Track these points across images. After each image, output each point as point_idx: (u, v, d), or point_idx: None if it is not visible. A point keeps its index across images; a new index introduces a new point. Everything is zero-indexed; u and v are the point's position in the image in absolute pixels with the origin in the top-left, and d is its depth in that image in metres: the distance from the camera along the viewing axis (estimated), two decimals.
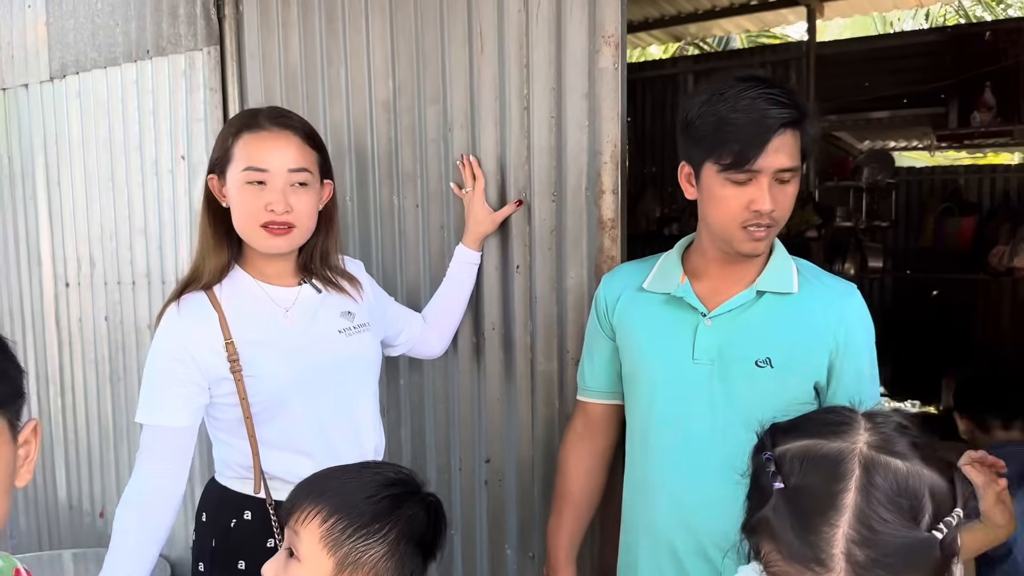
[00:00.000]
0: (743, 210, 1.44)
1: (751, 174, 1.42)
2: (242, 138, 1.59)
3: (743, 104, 1.41)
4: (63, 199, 3.01)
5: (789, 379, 1.48)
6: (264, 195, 1.57)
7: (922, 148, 7.25)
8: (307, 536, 1.16)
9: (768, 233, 1.46)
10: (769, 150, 1.40)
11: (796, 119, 1.42)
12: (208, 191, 1.65)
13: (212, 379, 1.59)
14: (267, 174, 1.57)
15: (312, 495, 1.19)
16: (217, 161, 1.63)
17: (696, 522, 1.53)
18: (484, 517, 2.15)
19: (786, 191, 1.45)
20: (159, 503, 1.58)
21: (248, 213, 1.58)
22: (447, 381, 2.18)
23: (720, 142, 1.42)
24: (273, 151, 1.58)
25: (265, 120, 1.61)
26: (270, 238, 1.59)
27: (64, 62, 2.94)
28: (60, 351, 3.11)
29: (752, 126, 1.40)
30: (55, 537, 3.20)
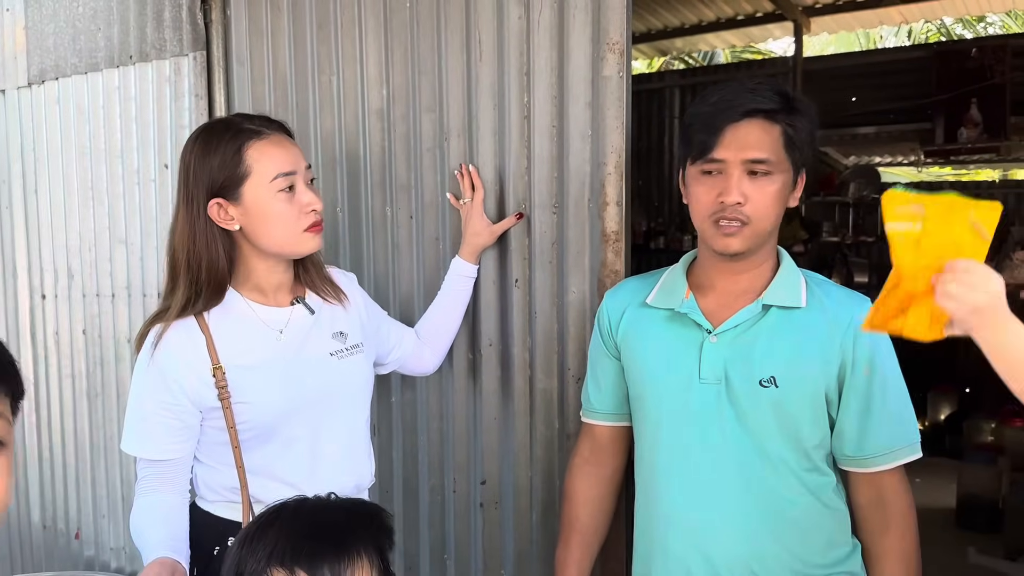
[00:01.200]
0: (712, 202, 1.41)
1: (717, 164, 1.40)
2: (254, 148, 1.49)
3: (715, 97, 1.41)
4: (40, 208, 2.91)
5: (795, 398, 1.43)
6: (298, 198, 1.53)
7: (908, 164, 7.29)
8: None
9: (741, 231, 1.41)
10: (730, 138, 1.38)
11: (768, 109, 1.38)
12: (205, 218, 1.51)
13: (201, 407, 1.51)
14: (295, 176, 1.53)
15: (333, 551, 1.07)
16: (223, 184, 1.49)
17: (711, 548, 1.47)
18: (479, 542, 2.07)
19: (761, 186, 1.39)
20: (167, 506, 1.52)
21: (289, 222, 1.52)
22: (442, 399, 2.10)
23: (691, 134, 1.42)
24: (289, 152, 1.54)
25: (259, 126, 1.53)
26: (313, 237, 1.56)
27: (43, 67, 2.85)
28: (35, 365, 3.00)
29: (716, 114, 1.39)
30: (28, 560, 3.08)
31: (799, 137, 1.41)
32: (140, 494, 1.53)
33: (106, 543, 2.82)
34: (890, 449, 1.45)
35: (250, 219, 1.50)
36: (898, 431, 1.45)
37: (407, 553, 2.17)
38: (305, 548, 1.06)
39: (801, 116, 1.42)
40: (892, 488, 1.46)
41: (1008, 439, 5.03)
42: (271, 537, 1.08)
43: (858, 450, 1.45)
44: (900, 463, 1.45)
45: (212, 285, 1.52)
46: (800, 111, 1.43)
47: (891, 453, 1.45)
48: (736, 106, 1.38)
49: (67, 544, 2.95)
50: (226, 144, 1.49)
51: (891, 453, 1.45)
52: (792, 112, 1.41)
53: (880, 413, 1.44)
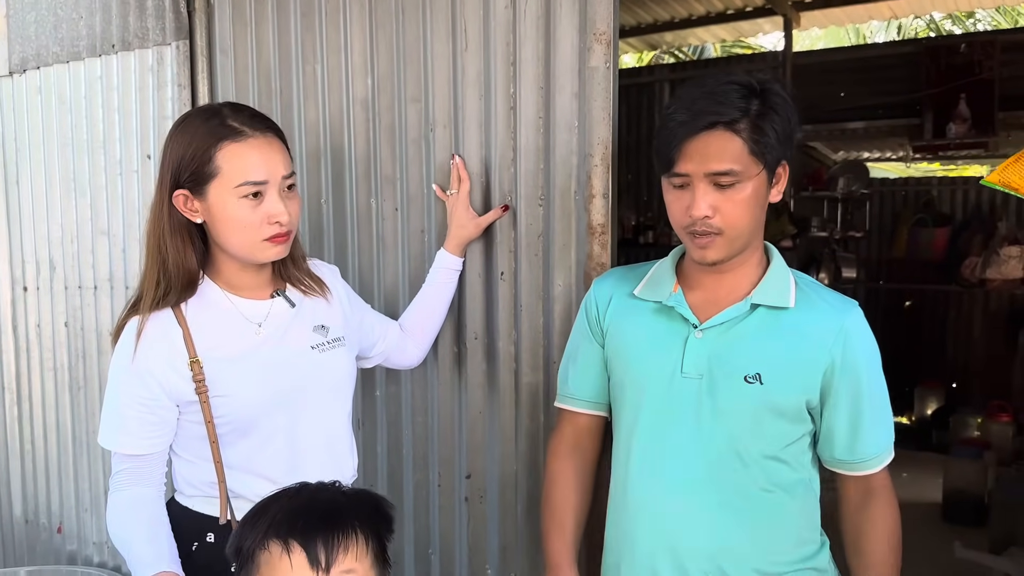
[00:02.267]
0: (683, 215, 1.39)
1: (683, 178, 1.37)
2: (226, 149, 1.43)
3: (681, 106, 1.37)
4: (22, 199, 2.88)
5: (778, 396, 1.41)
6: (264, 207, 1.45)
7: (897, 159, 7.29)
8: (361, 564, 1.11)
9: (715, 241, 1.39)
10: (691, 151, 1.34)
11: (730, 119, 1.32)
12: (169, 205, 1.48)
13: (178, 400, 1.48)
14: (265, 185, 1.45)
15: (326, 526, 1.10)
16: (190, 177, 1.45)
17: (677, 542, 1.46)
18: (464, 536, 2.05)
19: (730, 196, 1.36)
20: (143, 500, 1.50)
21: (249, 230, 1.45)
22: (426, 393, 2.08)
23: (658, 146, 1.40)
24: (267, 160, 1.45)
25: (242, 125, 1.45)
26: (273, 247, 1.49)
27: (24, 56, 2.81)
28: (17, 358, 2.97)
29: (676, 127, 1.36)
30: (10, 554, 3.05)
31: (766, 140, 1.35)
32: (115, 489, 1.51)
33: (89, 537, 2.80)
34: (879, 452, 1.47)
35: (212, 218, 1.46)
36: (884, 434, 1.47)
37: (392, 548, 2.14)
38: (300, 523, 1.10)
39: (769, 114, 1.35)
40: (880, 484, 1.49)
41: (994, 434, 5.06)
42: (270, 514, 1.12)
43: (849, 454, 1.46)
44: (884, 466, 1.48)
45: (181, 276, 1.49)
46: (771, 108, 1.35)
47: (879, 456, 1.47)
48: (695, 119, 1.34)
49: (49, 538, 2.92)
50: (201, 138, 1.44)
51: (879, 456, 1.47)
52: (759, 115, 1.34)
53: (870, 418, 1.44)
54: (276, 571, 1.08)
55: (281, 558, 1.08)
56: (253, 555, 1.11)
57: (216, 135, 1.43)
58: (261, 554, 1.10)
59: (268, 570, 1.09)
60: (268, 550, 1.09)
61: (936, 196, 6.75)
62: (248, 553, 1.11)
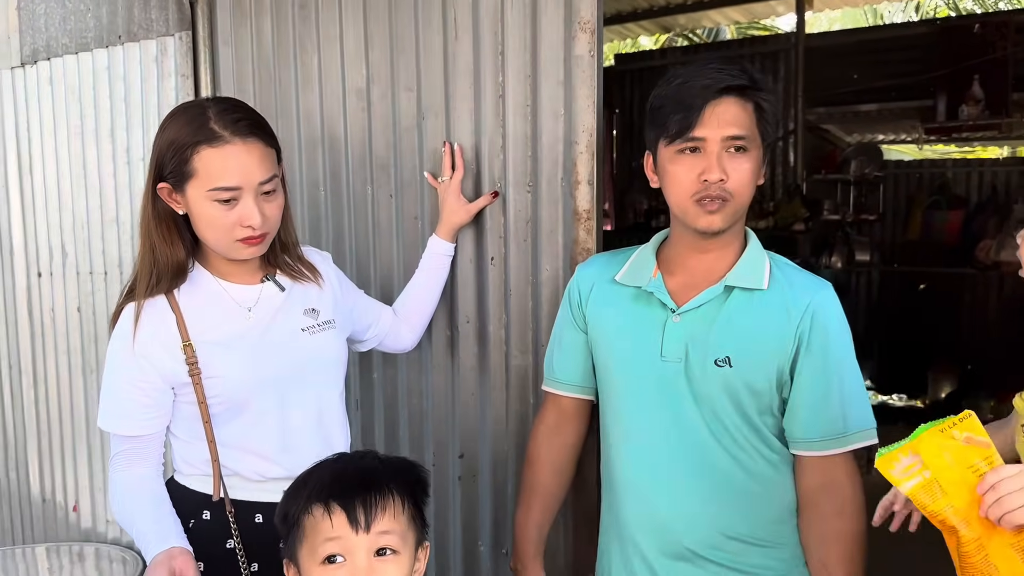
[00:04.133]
0: (694, 182, 1.42)
1: (697, 142, 1.41)
2: (202, 154, 1.45)
3: (688, 76, 1.42)
4: (35, 187, 2.95)
5: (748, 377, 1.45)
6: (236, 211, 1.48)
7: (910, 141, 7.23)
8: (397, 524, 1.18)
9: (723, 208, 1.43)
10: (710, 115, 1.39)
11: (742, 86, 1.40)
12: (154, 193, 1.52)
13: (173, 383, 1.54)
14: (238, 191, 1.47)
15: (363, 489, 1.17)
16: (172, 172, 1.48)
17: (662, 520, 1.51)
18: (457, 514, 2.11)
19: (741, 163, 1.42)
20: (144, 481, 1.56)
21: (221, 231, 1.49)
22: (421, 375, 2.14)
23: (667, 114, 1.43)
24: (242, 167, 1.46)
25: (222, 129, 1.46)
26: (246, 248, 1.52)
27: (35, 47, 2.88)
28: (33, 342, 3.05)
29: (693, 93, 1.40)
30: (28, 531, 3.15)
31: (769, 113, 1.45)
32: (116, 469, 1.57)
33: (102, 515, 2.89)
34: (842, 433, 1.45)
35: (191, 214, 1.51)
36: (850, 415, 1.46)
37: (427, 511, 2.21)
38: (340, 486, 1.18)
39: (768, 93, 1.46)
40: (843, 472, 1.46)
41: None
42: (312, 481, 1.21)
43: (809, 432, 1.46)
44: (851, 447, 1.46)
45: (170, 264, 1.53)
46: (766, 89, 1.46)
47: (843, 437, 1.45)
48: (712, 84, 1.40)
49: (65, 516, 3.02)
50: (184, 137, 1.46)
51: (843, 437, 1.45)
52: (760, 88, 1.44)
53: (833, 396, 1.45)
54: (319, 532, 1.16)
55: (323, 519, 1.16)
56: (299, 520, 1.18)
57: (195, 137, 1.45)
58: (306, 518, 1.17)
59: (312, 532, 1.17)
60: (312, 514, 1.17)
61: (951, 178, 6.69)
62: (294, 519, 1.19)
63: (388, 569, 1.16)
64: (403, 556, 1.18)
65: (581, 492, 1.90)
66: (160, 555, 1.43)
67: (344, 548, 1.15)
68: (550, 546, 1.86)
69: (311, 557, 1.17)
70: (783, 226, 5.67)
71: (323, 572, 1.15)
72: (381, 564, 1.16)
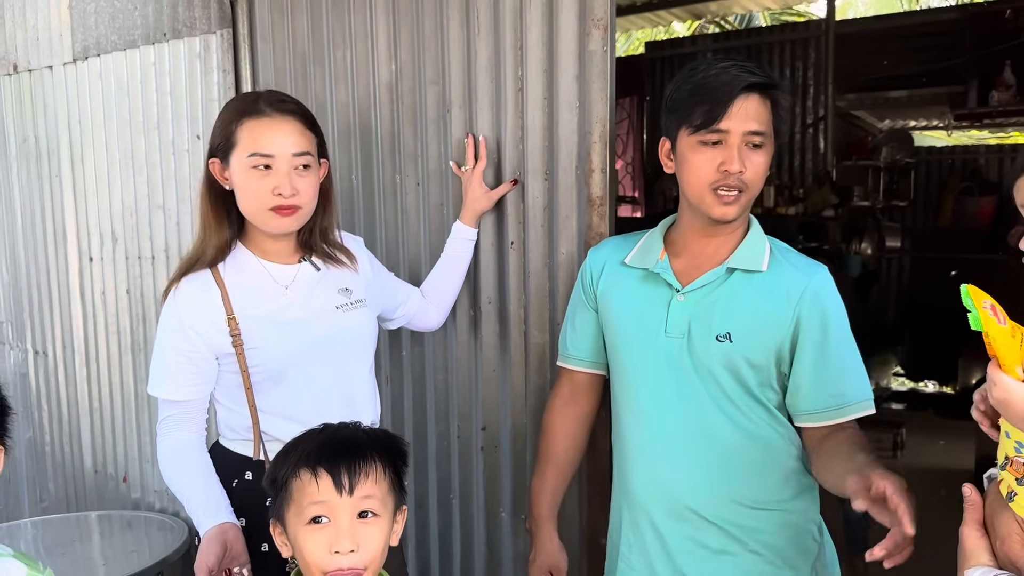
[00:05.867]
0: (714, 172, 1.52)
1: (720, 134, 1.51)
2: (245, 124, 1.65)
3: (713, 71, 1.52)
4: (86, 177, 3.12)
5: (747, 353, 1.55)
6: (270, 179, 1.64)
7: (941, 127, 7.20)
8: (378, 489, 1.28)
9: (738, 199, 1.53)
10: (736, 110, 1.49)
11: (764, 84, 1.51)
12: (209, 174, 1.71)
13: (217, 353, 1.69)
14: (272, 159, 1.64)
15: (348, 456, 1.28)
16: (219, 146, 1.68)
17: (668, 486, 1.62)
18: (481, 483, 2.25)
19: (757, 157, 1.52)
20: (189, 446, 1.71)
21: (256, 197, 1.65)
22: (446, 352, 2.27)
23: (692, 105, 1.52)
24: (277, 137, 1.65)
25: (266, 106, 1.66)
26: (278, 219, 1.67)
27: (86, 44, 3.04)
28: (85, 323, 3.23)
29: (720, 87, 1.50)
30: (82, 500, 3.34)
31: (783, 114, 1.55)
32: (162, 434, 1.72)
33: (151, 486, 3.07)
34: (841, 404, 1.55)
35: (234, 186, 1.68)
36: (848, 387, 1.56)
37: (417, 493, 2.35)
38: (327, 453, 1.29)
39: (784, 93, 1.56)
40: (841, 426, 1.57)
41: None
42: (301, 447, 1.32)
43: (810, 405, 1.57)
44: (850, 418, 1.56)
45: (215, 238, 1.70)
46: (781, 88, 1.56)
47: (842, 408, 1.55)
48: (740, 80, 1.49)
49: (116, 487, 3.20)
50: (232, 113, 1.68)
51: (842, 408, 1.55)
52: (776, 88, 1.54)
53: (831, 371, 1.55)
54: (306, 495, 1.27)
55: (310, 483, 1.26)
56: (287, 483, 1.29)
57: (241, 112, 1.66)
58: (293, 482, 1.28)
59: (299, 495, 1.28)
60: (299, 477, 1.28)
61: (984, 164, 6.66)
62: (282, 482, 1.30)
63: (369, 530, 1.27)
64: (383, 519, 1.29)
65: (595, 462, 2.02)
66: (213, 529, 1.60)
67: (329, 510, 1.25)
68: (566, 513, 2.00)
69: (297, 518, 1.27)
70: (813, 212, 5.70)
71: (308, 532, 1.26)
72: (363, 525, 1.26)
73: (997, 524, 1.08)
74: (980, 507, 1.11)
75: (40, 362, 3.44)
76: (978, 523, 1.10)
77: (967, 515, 1.11)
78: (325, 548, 1.25)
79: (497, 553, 2.24)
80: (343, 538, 1.24)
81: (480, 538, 2.27)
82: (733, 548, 1.60)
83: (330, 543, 1.25)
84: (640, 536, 1.68)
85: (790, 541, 1.62)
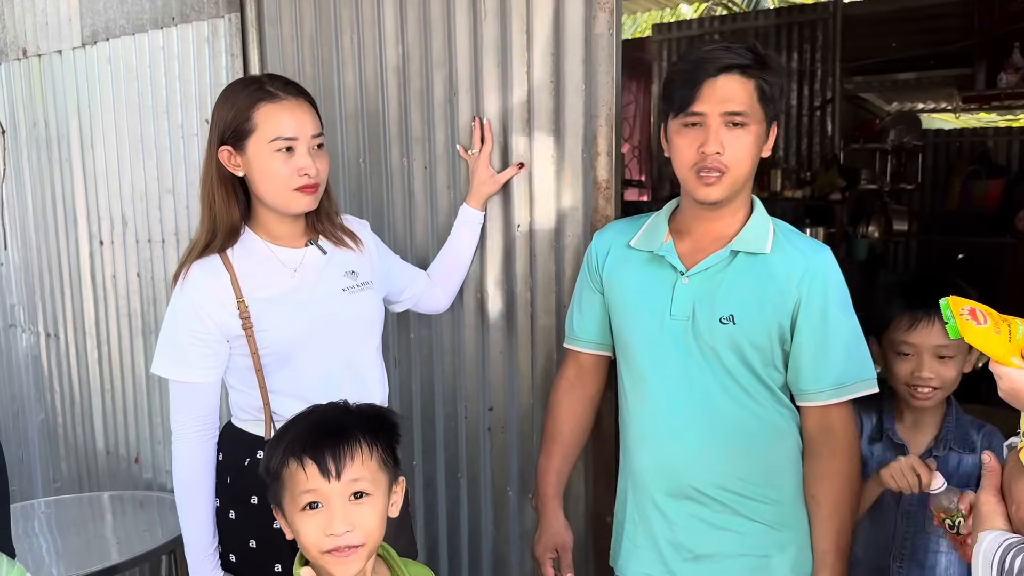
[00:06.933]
0: (695, 154, 1.54)
1: (698, 117, 1.53)
2: (262, 109, 1.66)
3: (695, 55, 1.55)
4: (96, 161, 3.15)
5: (751, 334, 1.57)
6: (294, 161, 1.67)
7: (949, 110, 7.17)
8: (367, 468, 1.31)
9: (720, 180, 1.54)
10: (710, 92, 1.51)
11: (743, 64, 1.51)
12: (217, 163, 1.71)
13: (228, 335, 1.72)
14: (296, 141, 1.67)
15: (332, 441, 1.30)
16: (233, 133, 1.68)
17: (672, 465, 1.65)
18: (488, 462, 2.27)
19: (739, 137, 1.53)
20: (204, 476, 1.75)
21: (282, 180, 1.68)
22: (454, 334, 2.29)
23: (673, 90, 1.55)
24: (298, 119, 1.68)
25: (278, 90, 1.68)
26: (302, 197, 1.70)
27: (95, 29, 3.06)
28: (96, 306, 3.27)
29: (695, 70, 1.52)
30: (94, 481, 3.39)
31: (771, 91, 1.55)
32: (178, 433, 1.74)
33: (162, 466, 3.11)
34: (841, 384, 1.58)
35: (251, 171, 1.69)
36: (849, 367, 1.58)
37: (425, 473, 2.39)
38: (310, 440, 1.31)
39: (773, 71, 1.56)
40: (840, 420, 1.60)
41: None
42: (288, 437, 1.34)
43: (812, 384, 1.59)
44: (850, 397, 1.59)
45: (226, 224, 1.72)
46: (772, 67, 1.56)
47: (842, 388, 1.58)
48: (713, 62, 1.52)
49: (128, 468, 3.25)
50: (243, 99, 1.68)
51: (842, 388, 1.58)
52: (764, 67, 1.54)
53: (831, 351, 1.57)
54: (296, 484, 1.30)
55: (298, 471, 1.29)
56: (279, 473, 1.33)
57: (255, 97, 1.67)
58: (284, 471, 1.32)
59: (291, 483, 1.31)
60: (288, 467, 1.31)
61: (992, 147, 6.63)
62: (275, 472, 1.33)
63: (363, 510, 1.29)
64: (376, 496, 1.32)
65: (600, 443, 2.05)
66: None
67: (320, 496, 1.28)
68: (572, 492, 2.03)
69: (292, 505, 1.30)
70: (820, 195, 5.69)
71: (304, 518, 1.29)
72: (356, 507, 1.29)
73: (1015, 490, 1.11)
74: (998, 473, 1.14)
75: (52, 345, 3.48)
76: (995, 489, 1.13)
77: (985, 480, 1.14)
78: (320, 532, 1.28)
79: (504, 531, 2.27)
80: (336, 521, 1.27)
81: (487, 516, 2.30)
82: (736, 524, 1.63)
83: (324, 527, 1.28)
84: (644, 514, 1.71)
85: (792, 517, 1.64)
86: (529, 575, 2.24)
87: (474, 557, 2.34)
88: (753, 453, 1.62)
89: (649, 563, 1.71)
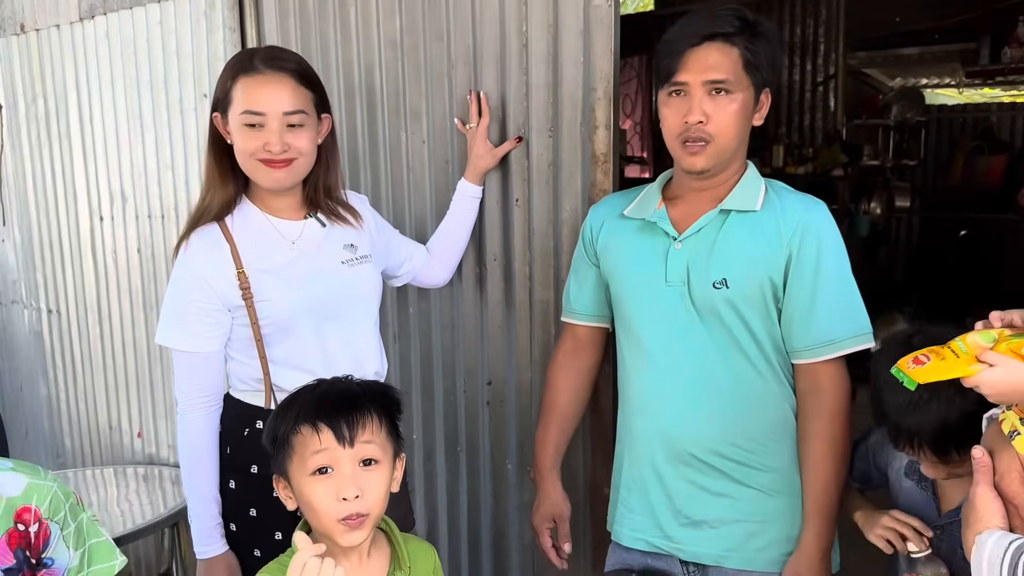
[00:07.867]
0: (680, 123, 1.55)
1: (680, 86, 1.53)
2: (239, 81, 1.68)
3: (678, 25, 1.54)
4: (95, 136, 3.14)
5: (745, 296, 1.57)
6: (261, 136, 1.67)
7: (953, 85, 7.13)
8: (377, 437, 1.34)
9: (704, 149, 1.54)
10: (691, 61, 1.51)
11: (726, 32, 1.50)
12: (213, 129, 1.74)
13: (229, 305, 1.73)
14: (263, 117, 1.66)
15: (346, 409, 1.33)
16: (219, 102, 1.71)
17: (669, 430, 1.65)
18: (487, 436, 2.29)
19: (723, 106, 1.52)
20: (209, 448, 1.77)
21: (247, 152, 1.69)
22: (452, 309, 2.30)
23: (659, 60, 1.55)
24: (268, 95, 1.67)
25: (260, 63, 1.68)
26: (271, 171, 1.70)
27: (92, 3, 3.04)
28: (97, 282, 3.27)
29: (677, 40, 1.52)
30: (97, 455, 3.41)
31: (758, 59, 1.54)
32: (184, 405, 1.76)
33: (164, 441, 3.13)
34: (833, 340, 1.57)
35: (232, 140, 1.71)
36: (841, 323, 1.57)
37: (425, 446, 2.40)
38: (326, 407, 1.34)
39: (761, 38, 1.54)
40: (830, 377, 1.59)
41: None
42: (298, 404, 1.36)
43: (802, 340, 1.58)
44: (841, 353, 1.58)
45: (221, 192, 1.74)
46: (761, 34, 1.54)
47: (833, 344, 1.57)
48: (695, 31, 1.51)
49: (131, 442, 3.27)
50: (230, 69, 1.71)
51: (833, 344, 1.57)
52: (752, 35, 1.53)
53: (821, 307, 1.56)
54: (308, 448, 1.32)
55: (312, 436, 1.32)
56: (287, 439, 1.34)
57: (237, 68, 1.69)
58: (294, 437, 1.33)
59: (302, 448, 1.33)
60: (300, 432, 1.33)
61: (995, 122, 6.60)
62: (283, 438, 1.35)
63: (372, 476, 1.33)
64: (384, 465, 1.35)
65: (598, 416, 2.06)
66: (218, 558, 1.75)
67: (332, 460, 1.30)
68: (570, 465, 2.04)
69: (301, 470, 1.32)
70: (822, 171, 5.68)
71: (313, 482, 1.31)
72: (365, 472, 1.32)
73: (996, 460, 1.12)
74: (991, 469, 1.13)
75: (54, 321, 3.49)
76: (990, 484, 1.12)
77: (978, 476, 1.13)
78: (333, 496, 1.30)
79: (503, 503, 2.29)
80: (347, 485, 1.30)
81: (486, 489, 2.32)
82: (732, 490, 1.64)
83: (336, 491, 1.30)
84: (641, 479, 1.72)
85: (789, 483, 1.65)
86: (528, 547, 2.26)
87: (473, 529, 2.36)
88: (750, 418, 1.63)
89: (645, 528, 1.72)
